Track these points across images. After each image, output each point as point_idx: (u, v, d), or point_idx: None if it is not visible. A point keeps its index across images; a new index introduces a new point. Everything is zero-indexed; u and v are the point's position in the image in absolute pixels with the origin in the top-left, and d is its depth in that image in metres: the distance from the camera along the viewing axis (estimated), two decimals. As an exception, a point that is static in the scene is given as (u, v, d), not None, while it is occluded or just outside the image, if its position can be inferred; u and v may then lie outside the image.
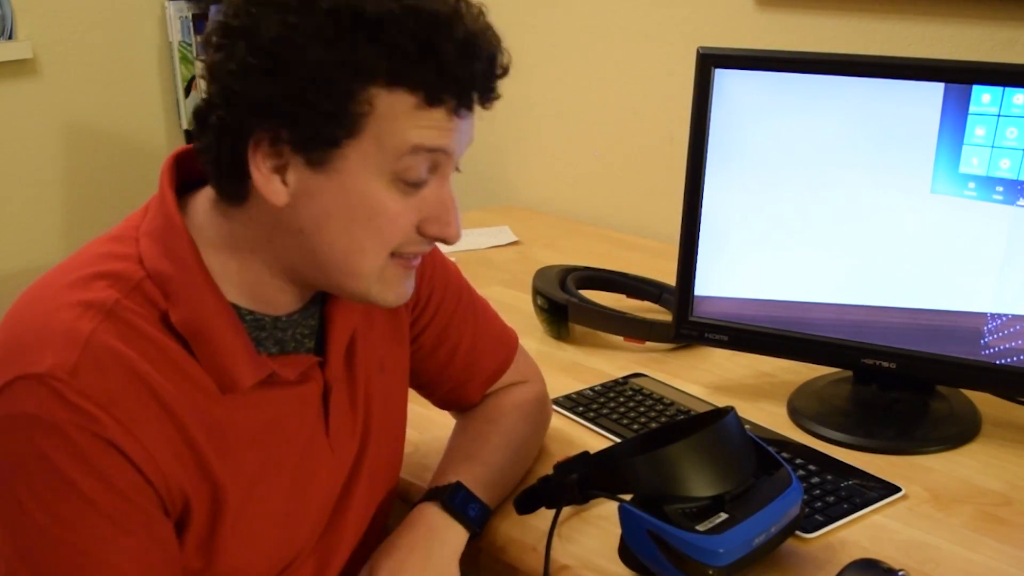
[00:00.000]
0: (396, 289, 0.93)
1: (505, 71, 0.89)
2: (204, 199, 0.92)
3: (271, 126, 0.83)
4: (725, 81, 1.28)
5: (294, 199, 0.86)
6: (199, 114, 0.87)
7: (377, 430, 1.06)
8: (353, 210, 0.87)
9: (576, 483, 1.03)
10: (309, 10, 0.81)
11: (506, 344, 1.22)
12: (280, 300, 0.94)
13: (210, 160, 0.88)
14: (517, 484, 1.15)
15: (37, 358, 0.83)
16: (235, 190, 0.88)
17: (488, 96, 0.89)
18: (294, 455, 0.97)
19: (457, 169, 0.93)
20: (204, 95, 0.87)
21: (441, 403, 1.21)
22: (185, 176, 0.94)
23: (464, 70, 0.84)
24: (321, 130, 0.83)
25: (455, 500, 1.05)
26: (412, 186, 0.88)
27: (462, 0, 0.85)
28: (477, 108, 0.89)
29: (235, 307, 0.92)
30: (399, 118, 0.84)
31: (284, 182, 0.86)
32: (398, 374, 1.11)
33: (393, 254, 0.90)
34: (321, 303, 1.00)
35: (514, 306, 1.67)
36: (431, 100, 0.84)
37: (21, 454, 0.82)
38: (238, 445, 0.91)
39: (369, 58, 0.82)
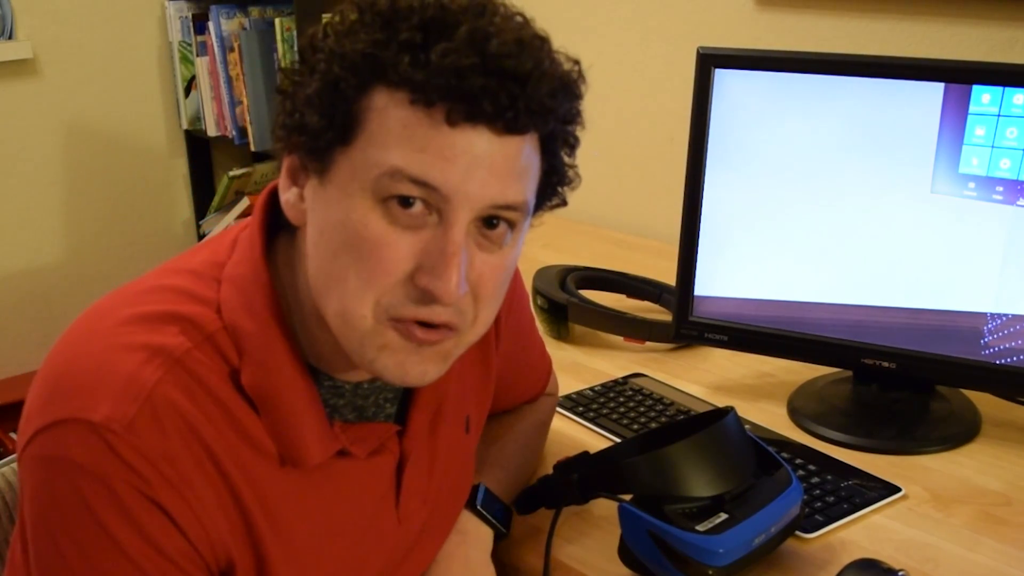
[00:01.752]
0: (396, 360, 0.79)
1: (541, 95, 0.75)
2: (285, 244, 0.85)
3: (297, 135, 0.79)
4: (725, 81, 1.28)
5: (309, 219, 0.80)
6: None
7: (449, 492, 1.00)
8: (339, 230, 0.77)
9: (576, 483, 1.03)
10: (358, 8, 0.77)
11: (545, 372, 1.22)
12: (341, 363, 0.85)
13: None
14: (523, 485, 1.15)
15: (93, 403, 0.76)
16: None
17: (508, 117, 0.74)
18: (357, 528, 0.90)
19: (507, 224, 0.79)
20: None
21: None
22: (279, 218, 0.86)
23: (454, 65, 0.73)
24: (313, 131, 0.77)
25: (482, 503, 1.04)
26: (403, 207, 0.75)
27: (491, 4, 0.77)
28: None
29: (313, 372, 0.84)
30: (388, 122, 0.75)
31: (302, 198, 0.81)
32: (478, 430, 1.05)
33: (391, 318, 0.78)
34: None
35: (514, 306, 1.67)
36: (417, 98, 0.74)
37: (63, 498, 0.77)
38: (295, 517, 0.85)
39: (363, 49, 0.75)
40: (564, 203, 0.87)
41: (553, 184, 0.85)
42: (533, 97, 0.75)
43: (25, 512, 0.81)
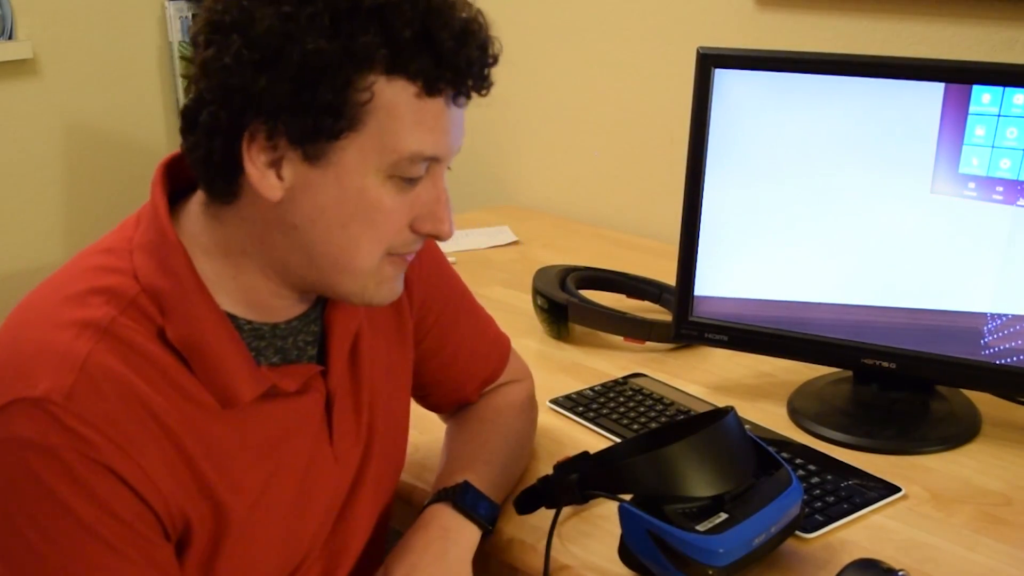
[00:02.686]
0: (389, 286, 0.92)
1: (495, 59, 0.88)
2: (196, 205, 0.91)
3: (268, 119, 0.82)
4: (725, 81, 1.28)
5: (289, 194, 0.85)
6: (188, 113, 0.85)
7: (381, 435, 1.05)
8: (349, 205, 0.85)
9: (576, 483, 1.03)
10: (305, 0, 0.80)
11: (501, 345, 1.22)
12: (276, 305, 0.93)
13: (200, 159, 0.86)
14: (517, 481, 1.15)
15: (33, 381, 0.81)
16: (226, 189, 0.87)
17: (482, 84, 0.88)
18: (298, 467, 0.96)
19: (447, 167, 0.92)
20: (192, 94, 0.85)
21: (435, 405, 1.21)
22: (177, 183, 0.93)
23: (461, 58, 0.83)
24: (321, 122, 0.82)
25: (465, 499, 1.05)
26: (408, 182, 0.87)
27: None
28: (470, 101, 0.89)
29: (232, 317, 0.90)
30: (399, 110, 0.83)
31: (279, 176, 0.85)
32: (402, 378, 1.10)
33: (388, 255, 0.90)
34: (322, 309, 0.99)
35: (514, 306, 1.67)
36: (430, 89, 0.83)
37: (16, 479, 0.81)
38: (240, 462, 0.90)
39: (368, 47, 0.80)
40: None
41: None
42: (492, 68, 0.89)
43: None
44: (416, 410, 1.16)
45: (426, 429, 1.26)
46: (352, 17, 0.80)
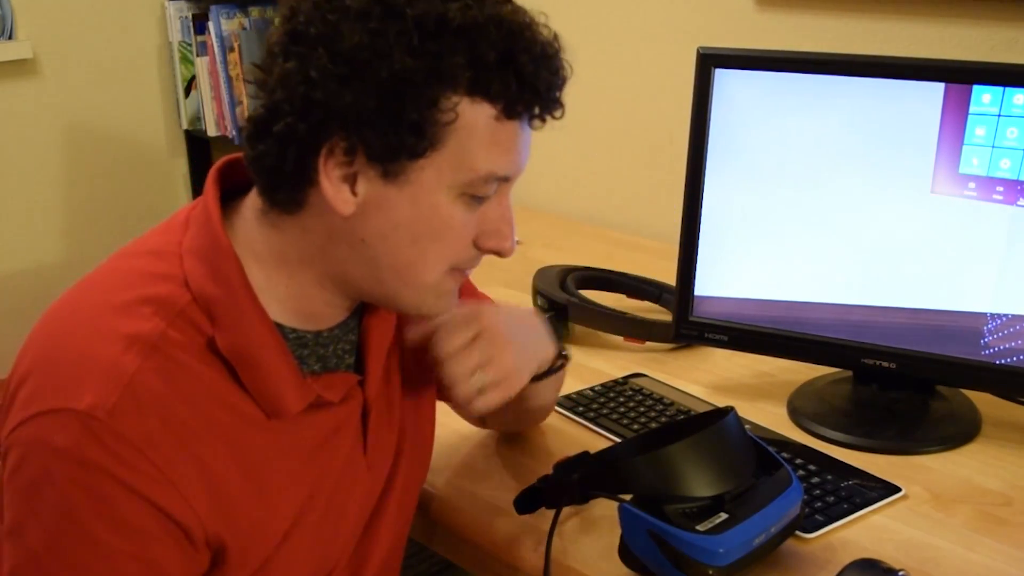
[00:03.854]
0: (447, 300, 0.93)
1: (565, 81, 0.89)
2: (250, 209, 0.90)
3: (349, 135, 0.81)
4: (725, 81, 1.28)
5: (361, 209, 0.85)
6: (260, 121, 0.84)
7: (410, 445, 1.05)
8: (422, 223, 0.86)
9: (576, 483, 1.03)
10: (393, 17, 0.79)
11: None
12: (325, 313, 0.93)
13: (269, 168, 0.85)
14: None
15: (78, 393, 0.80)
16: (291, 198, 0.86)
17: (556, 107, 0.88)
18: (333, 476, 0.95)
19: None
20: (264, 103, 0.84)
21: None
22: (225, 185, 0.92)
23: (541, 81, 0.84)
24: (404, 140, 0.81)
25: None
26: (477, 200, 0.87)
27: (531, 12, 0.87)
28: None
29: (279, 326, 0.90)
30: (479, 131, 0.83)
31: (354, 192, 0.84)
32: (428, 388, 1.10)
33: (452, 269, 0.90)
34: (359, 318, 0.98)
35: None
36: (509, 111, 0.84)
37: (38, 484, 0.80)
38: (280, 473, 0.90)
39: (454, 67, 0.80)
40: None
41: None
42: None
43: (3, 503, 0.83)
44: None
45: (436, 434, 1.26)
46: (439, 36, 0.80)
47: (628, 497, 0.98)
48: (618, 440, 1.26)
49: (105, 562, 0.81)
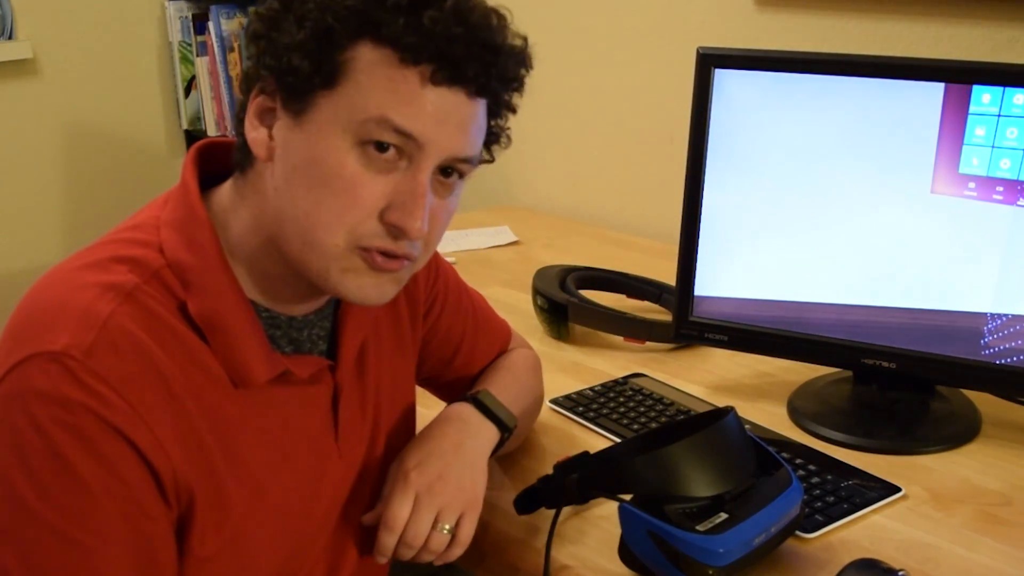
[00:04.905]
0: (357, 281, 0.89)
1: (499, 53, 0.87)
2: (225, 189, 0.93)
3: (267, 74, 0.86)
4: (725, 81, 1.28)
5: (276, 155, 0.88)
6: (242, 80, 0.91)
7: (386, 440, 1.06)
8: (317, 165, 0.85)
9: (576, 483, 1.03)
10: None
11: (502, 333, 1.26)
12: (288, 295, 0.94)
13: (235, 120, 0.91)
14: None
15: (52, 336, 0.81)
16: (244, 154, 0.90)
17: (481, 82, 0.86)
18: (302, 455, 0.97)
19: (458, 175, 0.91)
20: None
21: (444, 394, 1.22)
22: (207, 171, 0.95)
23: (439, 28, 0.83)
24: (301, 74, 0.84)
25: (486, 401, 1.08)
26: (379, 151, 0.85)
27: None
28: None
29: (253, 304, 0.92)
30: (377, 74, 0.84)
31: (271, 136, 0.88)
32: (406, 386, 1.12)
33: (359, 247, 0.87)
34: (335, 308, 1.00)
35: (514, 306, 1.67)
36: (405, 57, 0.83)
37: (21, 430, 0.80)
38: (246, 443, 0.91)
39: (357, 9, 0.83)
40: (492, 160, 0.99)
41: (489, 143, 0.96)
42: (502, 67, 0.88)
43: None
44: (417, 411, 1.16)
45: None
46: None
47: (628, 497, 0.98)
48: (618, 440, 1.26)
49: (95, 505, 0.81)
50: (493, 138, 0.96)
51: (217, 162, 0.95)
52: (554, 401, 1.36)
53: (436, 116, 0.85)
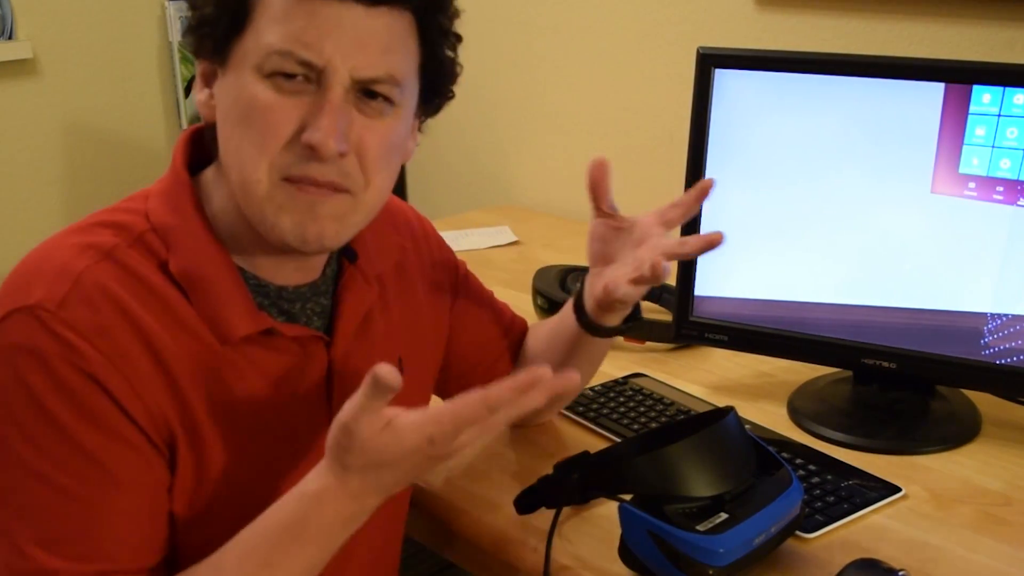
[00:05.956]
0: (291, 218, 0.88)
1: None
2: (211, 168, 0.95)
3: (193, 34, 0.90)
4: (725, 81, 1.28)
5: (217, 113, 0.90)
6: None
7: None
8: (238, 106, 0.87)
9: (576, 483, 1.03)
10: None
11: (519, 319, 1.29)
12: (269, 263, 0.94)
13: None
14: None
15: (29, 291, 0.84)
16: (212, 128, 0.93)
17: None
18: (292, 438, 0.95)
19: (384, 99, 0.88)
20: None
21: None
22: (201, 157, 0.97)
23: None
24: (218, 24, 0.87)
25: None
26: (286, 79, 0.85)
27: None
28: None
29: (241, 270, 0.93)
30: (274, 7, 0.85)
31: (212, 95, 0.91)
32: (420, 374, 1.10)
33: (283, 178, 0.87)
34: (334, 284, 0.99)
35: (514, 306, 1.66)
36: None
37: (5, 384, 0.82)
38: (229, 404, 0.90)
39: None
40: (452, 96, 0.97)
41: (438, 77, 0.94)
42: None
43: None
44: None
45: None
46: None
47: (628, 497, 0.98)
48: (618, 440, 1.26)
49: (83, 454, 0.82)
50: (441, 70, 0.94)
51: (210, 148, 0.95)
52: (554, 401, 1.36)
53: (332, 35, 0.84)
